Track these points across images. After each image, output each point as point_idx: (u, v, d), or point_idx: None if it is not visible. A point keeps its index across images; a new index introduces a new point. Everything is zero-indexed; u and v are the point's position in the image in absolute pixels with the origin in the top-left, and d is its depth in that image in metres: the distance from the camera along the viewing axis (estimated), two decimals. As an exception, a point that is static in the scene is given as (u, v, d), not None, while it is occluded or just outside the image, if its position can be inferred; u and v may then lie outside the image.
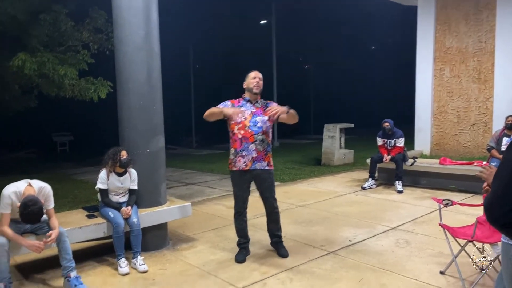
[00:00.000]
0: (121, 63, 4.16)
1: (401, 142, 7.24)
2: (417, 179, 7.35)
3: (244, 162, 3.81)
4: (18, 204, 3.21)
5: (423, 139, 9.17)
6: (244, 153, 3.80)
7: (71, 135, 18.70)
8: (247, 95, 3.92)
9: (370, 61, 24.68)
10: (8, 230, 3.21)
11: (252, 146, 3.79)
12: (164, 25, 4.65)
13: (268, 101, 3.97)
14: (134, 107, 4.12)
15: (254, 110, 3.85)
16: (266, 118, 3.82)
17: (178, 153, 15.30)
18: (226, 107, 3.77)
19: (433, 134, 9.05)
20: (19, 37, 7.76)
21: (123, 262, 3.77)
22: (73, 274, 3.39)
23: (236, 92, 4.18)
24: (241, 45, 21.20)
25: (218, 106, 3.83)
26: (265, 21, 18.29)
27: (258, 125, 3.80)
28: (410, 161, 7.32)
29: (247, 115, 3.81)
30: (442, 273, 3.57)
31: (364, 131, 15.69)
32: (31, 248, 3.24)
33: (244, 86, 3.92)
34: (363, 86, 25.28)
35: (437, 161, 7.31)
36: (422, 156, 8.85)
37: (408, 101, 11.54)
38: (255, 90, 3.84)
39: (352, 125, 10.96)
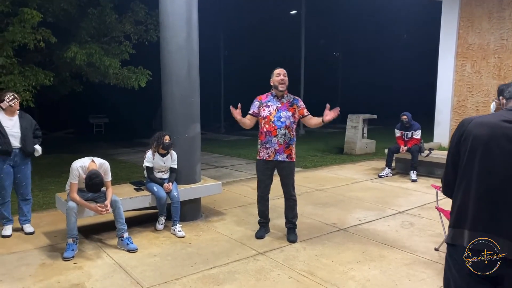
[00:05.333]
0: (165, 60, 4.84)
1: (418, 134, 7.69)
2: (432, 170, 7.79)
3: (268, 153, 4.24)
4: (84, 176, 3.98)
5: (442, 131, 9.53)
6: (268, 145, 4.21)
7: (107, 117, 19.75)
8: (274, 91, 4.28)
9: (395, 53, 24.65)
10: (77, 197, 3.99)
11: (274, 140, 4.20)
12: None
13: (296, 97, 4.35)
14: (176, 97, 4.81)
15: (280, 106, 4.24)
16: (290, 113, 4.21)
17: (207, 138, 16.03)
18: (240, 117, 4.18)
19: (451, 128, 9.39)
20: (70, 29, 8.65)
21: (162, 220, 4.70)
22: (125, 235, 4.15)
23: (264, 78, 4.58)
24: (271, 32, 21.61)
25: (250, 109, 4.31)
26: (294, 11, 18.64)
27: (282, 120, 4.19)
28: (426, 152, 7.76)
29: (273, 110, 4.23)
30: (436, 249, 4.13)
31: (390, 122, 15.98)
32: (96, 210, 4.02)
33: (271, 83, 4.28)
34: (389, 78, 25.35)
35: (452, 153, 7.71)
36: (441, 148, 9.23)
37: (429, 94, 11.83)
38: (280, 88, 4.22)
39: (375, 116, 11.36)
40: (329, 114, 4.14)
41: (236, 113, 4.15)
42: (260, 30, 21.51)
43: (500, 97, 2.20)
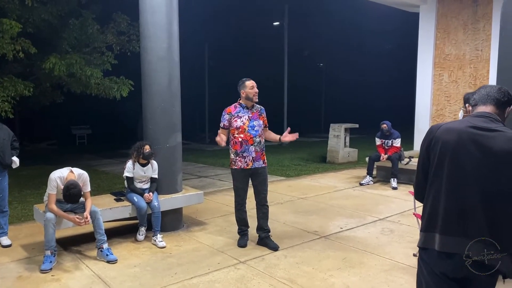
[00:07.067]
0: (146, 70, 4.85)
1: (397, 143, 7.82)
2: (412, 177, 7.86)
3: (246, 162, 4.29)
4: (62, 186, 3.94)
5: (421, 139, 9.70)
6: (245, 154, 4.28)
7: (89, 128, 19.56)
8: (244, 102, 4.33)
9: (376, 63, 25.15)
10: (55, 207, 3.94)
11: (252, 148, 4.28)
12: (181, 22, 4.99)
13: (262, 107, 4.47)
14: (157, 108, 4.82)
15: (251, 115, 4.33)
16: (261, 122, 4.37)
17: (191, 148, 16.01)
18: (219, 139, 4.32)
19: (431, 136, 9.57)
20: (51, 39, 8.60)
21: (142, 231, 4.63)
22: (105, 246, 4.11)
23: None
24: (255, 44, 21.82)
25: (221, 122, 4.39)
26: (277, 23, 18.88)
27: (256, 128, 4.31)
28: (406, 160, 7.89)
29: (245, 120, 4.30)
30: (415, 255, 4.19)
31: (372, 131, 16.22)
32: (74, 221, 3.97)
33: (243, 94, 4.30)
34: (371, 88, 25.84)
35: (431, 161, 7.87)
36: (421, 156, 9.39)
37: (408, 103, 12.08)
38: (255, 100, 4.31)
39: (356, 125, 11.51)
40: (288, 136, 4.37)
41: (221, 141, 4.31)
42: (244, 42, 21.70)
43: (466, 105, 2.29)
